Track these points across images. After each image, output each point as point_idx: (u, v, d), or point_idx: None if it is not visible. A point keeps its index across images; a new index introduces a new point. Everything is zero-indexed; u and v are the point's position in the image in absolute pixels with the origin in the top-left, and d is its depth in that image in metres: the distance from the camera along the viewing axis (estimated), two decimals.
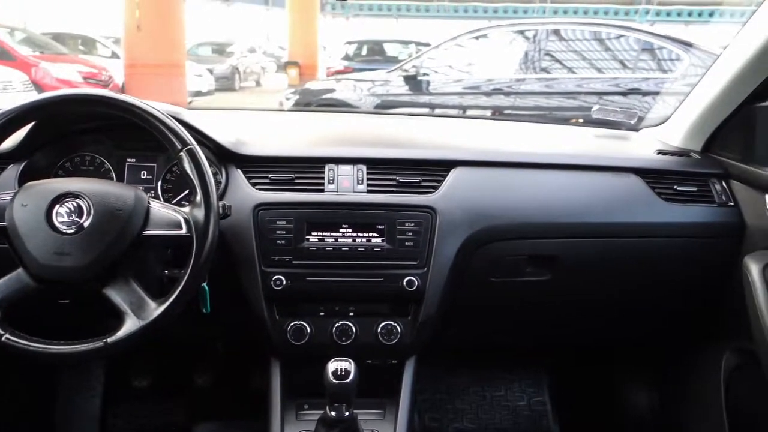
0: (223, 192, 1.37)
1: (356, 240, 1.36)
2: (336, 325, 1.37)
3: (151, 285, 1.20)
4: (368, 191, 1.40)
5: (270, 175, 1.40)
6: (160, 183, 1.43)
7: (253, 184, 1.39)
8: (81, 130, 1.42)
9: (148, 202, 1.16)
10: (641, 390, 1.96)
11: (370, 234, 1.36)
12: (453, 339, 1.67)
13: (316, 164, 1.43)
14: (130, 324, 1.10)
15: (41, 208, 1.10)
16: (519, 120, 3.54)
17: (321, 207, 1.37)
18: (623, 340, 1.91)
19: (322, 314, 1.38)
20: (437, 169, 1.46)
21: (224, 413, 1.95)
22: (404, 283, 1.36)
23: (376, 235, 1.36)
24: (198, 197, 1.16)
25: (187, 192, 1.41)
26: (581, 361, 2.13)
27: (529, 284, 1.51)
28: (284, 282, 1.34)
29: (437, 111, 5.41)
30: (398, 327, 1.38)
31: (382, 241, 1.36)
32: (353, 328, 1.37)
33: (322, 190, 1.39)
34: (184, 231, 1.15)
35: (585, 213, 1.47)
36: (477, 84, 5.52)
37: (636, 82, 4.94)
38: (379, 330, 1.38)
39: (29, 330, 1.12)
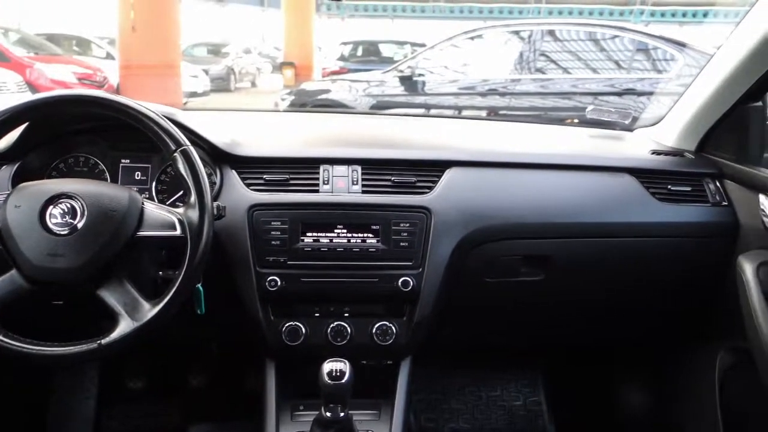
0: (218, 193, 1.37)
1: (351, 240, 1.36)
2: (331, 326, 1.37)
3: (146, 286, 1.19)
4: (363, 192, 1.40)
5: (265, 176, 1.40)
6: (155, 184, 1.42)
7: (248, 185, 1.39)
8: (75, 131, 1.42)
9: (142, 203, 1.16)
10: (636, 389, 1.97)
11: (365, 234, 1.36)
12: (448, 339, 1.67)
13: (311, 165, 1.43)
14: (125, 325, 1.10)
15: (35, 210, 1.10)
16: (514, 120, 3.54)
17: (316, 207, 1.37)
18: (618, 340, 1.92)
19: (317, 315, 1.38)
20: (432, 170, 1.46)
21: (219, 414, 1.95)
22: (399, 284, 1.36)
23: (371, 236, 1.36)
24: (192, 198, 1.16)
25: (182, 193, 1.40)
26: (577, 361, 2.13)
27: (524, 284, 1.51)
28: (279, 283, 1.34)
29: (432, 111, 5.41)
30: (393, 327, 1.38)
31: (377, 242, 1.36)
32: (348, 329, 1.37)
33: (317, 191, 1.39)
34: (179, 232, 1.14)
35: (579, 213, 1.48)
36: (472, 84, 5.52)
37: (631, 83, 4.94)
38: (374, 330, 1.38)
39: (23, 331, 1.11)
